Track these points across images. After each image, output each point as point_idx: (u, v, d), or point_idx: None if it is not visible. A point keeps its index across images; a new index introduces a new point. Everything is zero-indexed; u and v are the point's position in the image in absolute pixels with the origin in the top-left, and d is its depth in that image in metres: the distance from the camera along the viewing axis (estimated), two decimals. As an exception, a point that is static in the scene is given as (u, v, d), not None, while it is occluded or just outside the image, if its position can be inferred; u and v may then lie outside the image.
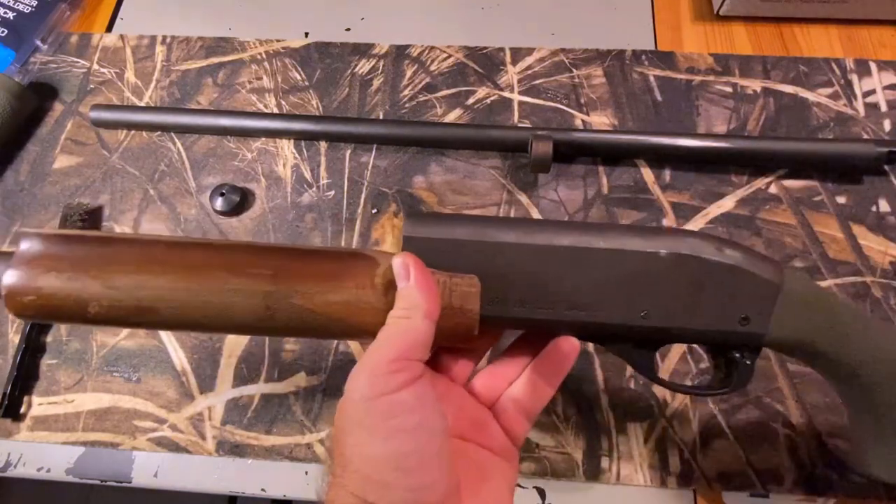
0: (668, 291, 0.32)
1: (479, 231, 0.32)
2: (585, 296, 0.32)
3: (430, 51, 0.61)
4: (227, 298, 0.29)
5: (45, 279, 0.29)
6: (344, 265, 0.30)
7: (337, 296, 0.29)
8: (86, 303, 0.29)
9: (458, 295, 0.30)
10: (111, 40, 0.64)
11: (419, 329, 0.28)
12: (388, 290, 0.29)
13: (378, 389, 0.26)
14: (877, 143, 0.51)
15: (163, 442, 0.47)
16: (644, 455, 0.45)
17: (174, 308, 0.29)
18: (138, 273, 0.29)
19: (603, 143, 0.53)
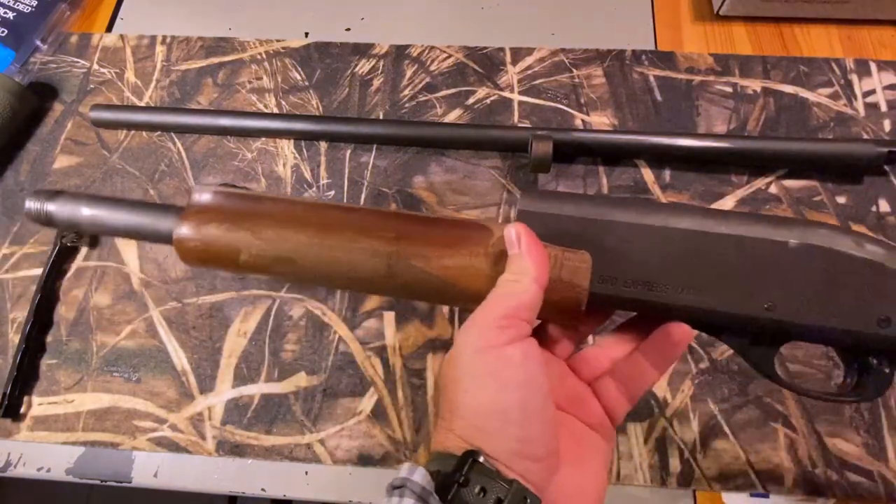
0: (796, 284, 0.30)
1: (594, 209, 0.32)
2: (703, 281, 0.31)
3: (430, 51, 0.61)
4: (355, 256, 0.32)
5: (208, 228, 0.33)
6: (461, 233, 0.32)
7: (452, 261, 0.31)
8: (238, 251, 0.32)
9: (568, 269, 0.31)
10: (111, 40, 0.64)
11: (528, 291, 0.29)
12: (500, 259, 0.31)
13: (487, 341, 0.28)
14: (877, 143, 0.51)
15: (163, 442, 0.47)
16: (644, 455, 0.45)
17: (308, 261, 0.32)
18: (282, 227, 0.32)
19: (603, 143, 0.53)
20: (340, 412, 0.47)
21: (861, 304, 0.30)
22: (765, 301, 0.30)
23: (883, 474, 0.43)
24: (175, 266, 0.53)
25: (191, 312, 0.51)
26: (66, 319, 0.52)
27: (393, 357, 0.49)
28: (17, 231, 0.55)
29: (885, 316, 0.30)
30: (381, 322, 0.50)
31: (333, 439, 0.47)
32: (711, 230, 0.31)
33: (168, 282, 0.52)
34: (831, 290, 0.30)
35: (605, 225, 0.32)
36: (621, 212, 0.32)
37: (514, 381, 0.27)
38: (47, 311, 0.52)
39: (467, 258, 0.31)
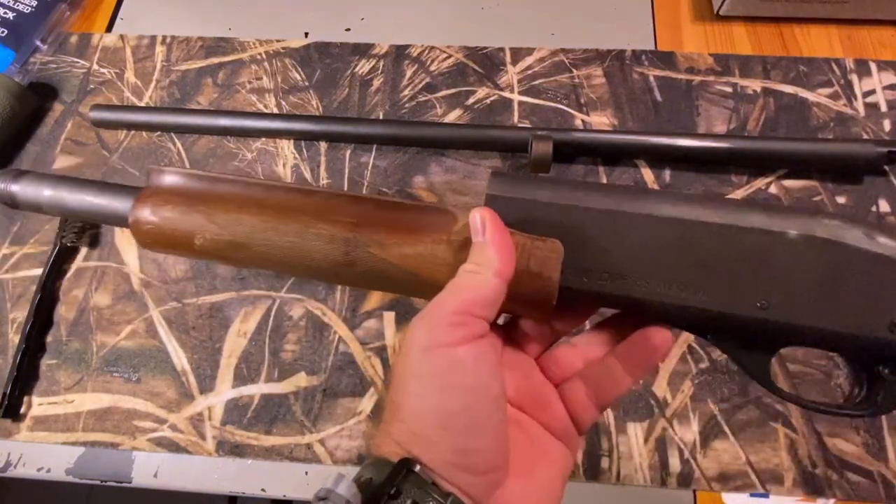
0: (795, 281, 0.27)
1: (568, 194, 0.29)
2: (688, 275, 0.27)
3: (430, 51, 0.61)
4: (311, 241, 0.30)
5: (163, 211, 0.32)
6: (422, 218, 0.30)
7: (412, 248, 0.29)
8: (192, 235, 0.31)
9: (537, 259, 0.28)
10: (111, 40, 0.64)
11: (487, 285, 0.26)
12: (464, 248, 0.28)
13: (435, 339, 0.26)
14: (877, 143, 0.51)
15: (163, 442, 0.47)
16: (644, 455, 0.45)
17: (263, 246, 0.31)
18: (237, 211, 0.31)
19: (603, 143, 0.53)
20: (340, 412, 0.47)
21: (871, 306, 0.26)
22: (758, 299, 0.27)
23: (883, 474, 0.43)
24: (175, 266, 0.53)
25: (191, 312, 0.51)
26: (66, 319, 0.52)
27: (393, 357, 0.49)
28: (17, 231, 0.55)
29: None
30: (381, 322, 0.50)
31: (333, 439, 0.46)
32: (699, 218, 0.28)
33: (168, 282, 0.52)
34: (836, 289, 0.27)
35: (582, 212, 0.29)
36: (600, 198, 0.29)
37: (460, 385, 0.25)
38: (47, 311, 0.52)
39: (428, 245, 0.29)
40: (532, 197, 0.29)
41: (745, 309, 0.27)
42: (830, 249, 0.27)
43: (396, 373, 0.27)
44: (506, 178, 0.30)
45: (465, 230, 0.29)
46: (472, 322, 0.26)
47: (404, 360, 0.26)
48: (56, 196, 0.35)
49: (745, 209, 0.28)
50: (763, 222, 0.27)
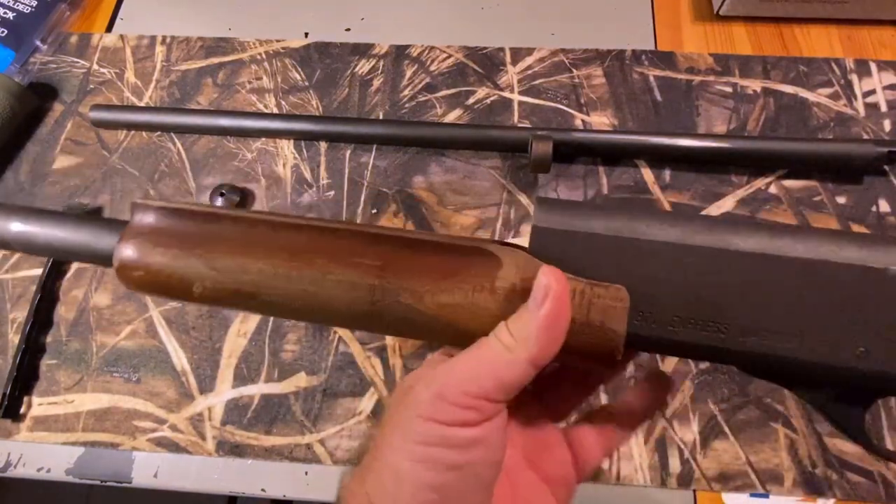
0: None
1: (631, 225, 0.25)
2: (774, 319, 0.24)
3: (430, 51, 0.61)
4: (329, 290, 0.26)
5: (154, 255, 0.28)
6: (461, 261, 0.26)
7: (449, 297, 0.25)
8: (190, 282, 0.27)
9: (598, 309, 0.24)
10: (111, 40, 0.64)
11: (516, 370, 0.23)
12: (510, 298, 0.25)
13: (437, 415, 0.23)
14: (877, 144, 0.51)
15: (163, 442, 0.47)
16: (644, 455, 0.45)
17: (274, 295, 0.27)
18: (241, 255, 0.27)
19: (603, 143, 0.53)
20: (340, 412, 0.47)
21: None
22: (856, 346, 0.24)
23: (883, 474, 0.43)
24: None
25: (191, 313, 0.51)
26: (66, 320, 0.52)
27: (393, 357, 0.49)
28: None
29: None
30: (381, 322, 0.50)
31: (333, 439, 0.46)
32: (784, 253, 0.24)
33: (168, 282, 0.52)
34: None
35: (643, 245, 0.25)
36: (665, 229, 0.25)
37: (444, 463, 0.23)
38: (47, 312, 0.52)
39: (468, 294, 0.25)
40: (587, 229, 0.25)
41: (842, 359, 0.24)
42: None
43: (386, 421, 0.24)
44: (555, 207, 0.26)
45: (511, 276, 0.25)
46: (484, 408, 0.23)
47: (397, 414, 0.24)
48: (25, 232, 0.31)
49: (837, 240, 0.24)
50: (859, 256, 0.24)
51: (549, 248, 0.25)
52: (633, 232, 0.25)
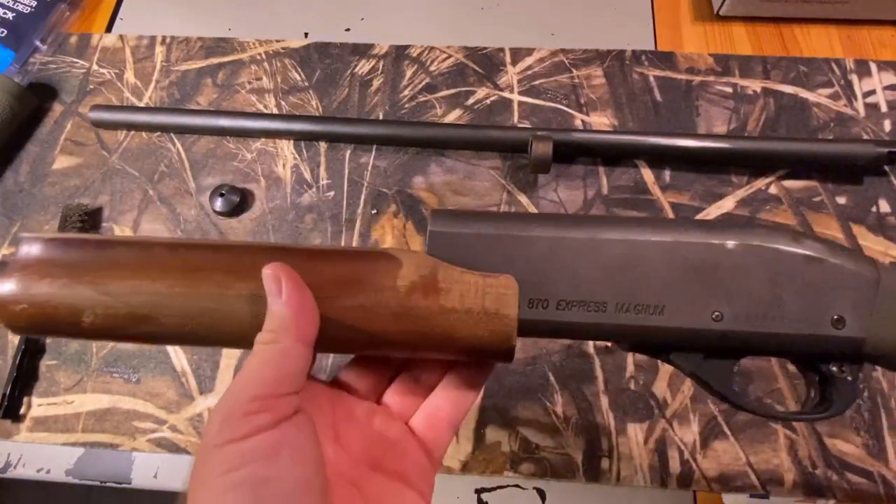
0: (741, 289, 0.28)
1: (514, 225, 0.29)
2: (641, 295, 0.28)
3: (429, 51, 0.61)
4: (230, 305, 0.26)
5: (39, 286, 0.26)
6: (361, 266, 0.27)
7: (353, 300, 0.26)
8: (80, 311, 0.26)
9: (491, 297, 0.27)
10: (111, 41, 0.64)
11: (290, 355, 0.23)
12: (411, 293, 0.26)
13: (229, 434, 0.22)
14: (877, 144, 0.51)
15: (162, 443, 0.47)
16: (644, 455, 0.45)
17: (171, 316, 0.26)
18: (134, 277, 0.26)
19: (603, 143, 0.53)
20: (340, 413, 0.47)
21: (811, 305, 0.28)
22: (711, 311, 0.28)
23: (883, 475, 0.43)
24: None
25: (190, 313, 0.51)
26: (66, 320, 0.51)
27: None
28: (17, 231, 0.55)
29: (838, 315, 0.28)
30: (380, 323, 0.50)
31: (333, 440, 0.46)
32: (644, 238, 0.28)
33: (168, 282, 0.52)
34: (778, 293, 0.28)
35: (527, 241, 0.28)
36: (544, 227, 0.29)
37: (251, 480, 0.21)
38: (47, 312, 0.51)
39: (372, 295, 0.26)
40: (476, 231, 0.29)
41: (702, 323, 0.28)
42: (766, 255, 0.28)
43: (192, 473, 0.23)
44: (447, 215, 0.29)
45: (411, 273, 0.27)
46: (274, 406, 0.23)
47: (198, 458, 0.22)
48: None
49: (685, 226, 0.29)
50: (703, 237, 0.28)
51: (444, 248, 0.28)
52: (516, 230, 0.29)
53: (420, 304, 0.26)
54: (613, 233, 0.28)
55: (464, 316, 0.26)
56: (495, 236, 0.28)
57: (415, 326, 0.26)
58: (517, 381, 0.47)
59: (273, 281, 0.24)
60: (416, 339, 0.27)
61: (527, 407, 0.47)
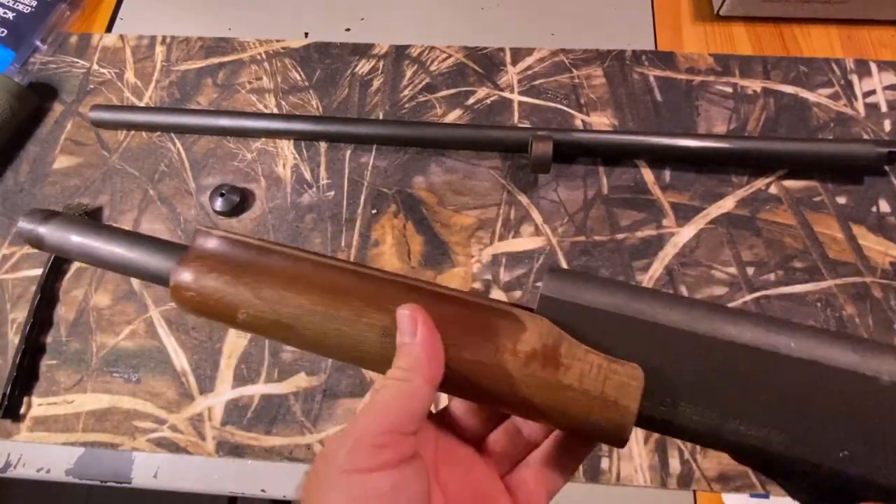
0: (882, 431, 0.24)
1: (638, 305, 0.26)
2: (768, 412, 0.25)
3: (430, 51, 0.61)
4: (361, 331, 0.27)
5: (207, 279, 0.29)
6: (486, 321, 0.27)
7: (472, 354, 0.26)
8: (236, 308, 0.29)
9: (613, 384, 0.25)
10: (111, 40, 0.64)
11: (417, 395, 0.24)
12: (530, 362, 0.26)
13: (357, 463, 0.23)
14: (877, 144, 0.51)
15: (163, 442, 0.47)
16: (644, 455, 0.45)
17: (310, 330, 0.28)
18: (284, 287, 0.28)
19: (603, 143, 0.53)
20: (340, 413, 0.47)
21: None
22: (840, 448, 0.24)
23: (883, 475, 0.43)
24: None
25: (191, 313, 0.51)
26: (66, 320, 0.52)
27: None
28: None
29: None
30: (381, 322, 0.50)
31: (333, 440, 0.46)
32: (785, 352, 0.25)
33: (168, 282, 0.52)
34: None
35: (650, 328, 0.26)
36: (669, 312, 0.26)
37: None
38: (47, 312, 0.52)
39: (491, 353, 0.26)
40: (600, 304, 0.26)
41: (827, 458, 0.24)
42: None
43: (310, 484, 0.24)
44: (565, 277, 0.27)
45: (533, 341, 0.26)
46: (399, 442, 0.23)
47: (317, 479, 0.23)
48: (85, 245, 0.33)
49: (835, 344, 0.25)
50: (855, 363, 0.24)
51: (558, 319, 0.26)
52: (642, 313, 0.26)
53: (537, 374, 0.26)
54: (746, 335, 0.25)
55: (580, 396, 0.25)
56: (616, 315, 0.26)
57: (528, 394, 0.26)
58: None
59: (410, 322, 0.25)
60: (528, 406, 0.26)
61: (527, 407, 0.47)
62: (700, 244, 0.51)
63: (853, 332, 0.48)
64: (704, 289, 0.50)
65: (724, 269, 0.50)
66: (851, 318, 0.48)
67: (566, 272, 0.27)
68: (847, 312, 0.48)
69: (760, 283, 0.50)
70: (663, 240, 0.52)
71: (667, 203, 0.53)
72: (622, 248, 0.51)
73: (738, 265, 0.50)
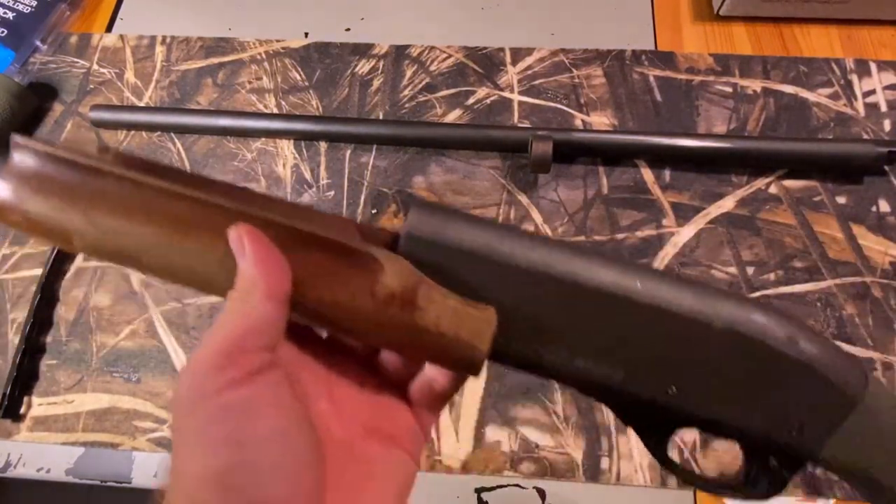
0: (710, 372, 0.26)
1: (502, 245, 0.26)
2: (605, 349, 0.26)
3: (430, 51, 0.61)
4: (213, 268, 0.25)
5: (33, 202, 0.26)
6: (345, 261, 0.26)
7: (327, 294, 0.26)
8: (70, 235, 0.26)
9: (468, 328, 0.26)
10: (111, 40, 0.64)
11: (257, 312, 0.23)
12: (388, 302, 0.25)
13: (201, 389, 0.22)
14: (877, 144, 0.51)
15: (163, 442, 0.47)
16: (644, 455, 0.45)
17: (155, 261, 0.26)
18: (122, 216, 0.26)
19: (603, 143, 0.53)
20: (340, 412, 0.47)
21: (779, 407, 0.26)
22: (670, 384, 0.26)
23: (883, 474, 0.43)
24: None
25: (191, 313, 0.51)
26: (66, 320, 0.52)
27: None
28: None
29: (800, 423, 0.26)
30: (381, 322, 0.50)
31: (333, 439, 0.46)
32: (628, 294, 0.26)
33: (168, 282, 0.52)
34: (749, 386, 0.26)
35: (512, 271, 0.26)
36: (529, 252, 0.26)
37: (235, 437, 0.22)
38: (47, 312, 0.52)
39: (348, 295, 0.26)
40: (461, 243, 0.26)
41: (656, 392, 0.26)
42: (752, 346, 0.26)
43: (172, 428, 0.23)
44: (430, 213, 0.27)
45: (393, 284, 0.25)
46: (245, 359, 0.23)
47: (173, 412, 0.23)
48: None
49: (677, 287, 0.26)
50: (691, 307, 0.26)
51: (421, 256, 0.26)
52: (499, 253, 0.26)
53: (394, 316, 0.26)
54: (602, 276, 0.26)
55: (436, 337, 0.26)
56: (477, 256, 0.26)
57: (385, 333, 0.26)
58: (517, 380, 0.47)
59: (237, 242, 0.24)
60: (385, 343, 0.27)
61: (527, 407, 0.47)
62: (700, 244, 0.51)
63: (853, 332, 0.48)
64: (704, 288, 0.50)
65: (724, 269, 0.50)
66: (851, 318, 0.48)
67: (430, 207, 0.27)
68: (847, 312, 0.48)
69: (760, 282, 0.50)
70: (663, 239, 0.52)
71: (667, 203, 0.53)
72: (622, 248, 0.51)
73: (738, 265, 0.50)
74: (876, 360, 0.47)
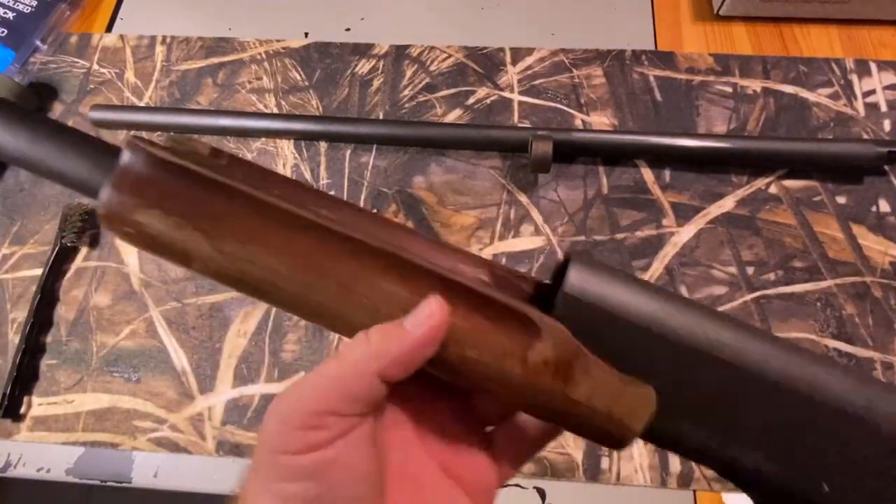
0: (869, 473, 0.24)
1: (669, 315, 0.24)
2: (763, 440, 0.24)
3: (430, 51, 0.61)
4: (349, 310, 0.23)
5: (148, 216, 0.23)
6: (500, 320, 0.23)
7: (476, 353, 0.23)
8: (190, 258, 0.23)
9: (623, 406, 0.23)
10: (111, 40, 0.64)
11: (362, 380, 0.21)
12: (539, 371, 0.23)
13: (287, 445, 0.21)
14: (877, 143, 0.51)
15: (163, 442, 0.47)
16: (644, 455, 0.45)
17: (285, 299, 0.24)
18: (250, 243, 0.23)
19: (603, 143, 0.53)
20: (340, 412, 0.47)
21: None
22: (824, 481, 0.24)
23: (883, 474, 0.43)
24: (175, 266, 0.53)
25: (191, 312, 0.51)
26: (66, 319, 0.52)
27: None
28: (17, 231, 0.55)
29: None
30: (381, 322, 0.50)
31: (333, 439, 0.46)
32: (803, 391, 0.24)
33: (168, 282, 0.52)
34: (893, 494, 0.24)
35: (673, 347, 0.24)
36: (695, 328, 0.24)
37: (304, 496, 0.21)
38: (47, 312, 0.52)
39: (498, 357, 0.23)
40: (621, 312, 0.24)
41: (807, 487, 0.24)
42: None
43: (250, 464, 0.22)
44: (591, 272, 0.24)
45: (548, 350, 0.23)
46: (336, 423, 0.21)
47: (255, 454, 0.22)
48: None
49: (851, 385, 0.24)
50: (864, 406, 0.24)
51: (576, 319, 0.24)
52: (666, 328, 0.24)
53: (544, 384, 0.23)
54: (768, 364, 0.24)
55: (585, 411, 0.24)
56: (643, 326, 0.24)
57: (528, 398, 0.24)
58: (517, 380, 0.47)
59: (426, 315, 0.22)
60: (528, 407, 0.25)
61: (527, 406, 0.47)
62: (700, 244, 0.51)
63: (853, 332, 0.48)
64: (704, 288, 0.50)
65: (724, 269, 0.50)
66: (851, 318, 0.48)
67: (592, 266, 0.24)
68: (847, 312, 0.48)
69: (760, 282, 0.50)
70: (663, 239, 0.52)
71: (667, 203, 0.53)
72: (622, 248, 0.51)
73: (737, 265, 0.50)
74: (876, 360, 0.47)
